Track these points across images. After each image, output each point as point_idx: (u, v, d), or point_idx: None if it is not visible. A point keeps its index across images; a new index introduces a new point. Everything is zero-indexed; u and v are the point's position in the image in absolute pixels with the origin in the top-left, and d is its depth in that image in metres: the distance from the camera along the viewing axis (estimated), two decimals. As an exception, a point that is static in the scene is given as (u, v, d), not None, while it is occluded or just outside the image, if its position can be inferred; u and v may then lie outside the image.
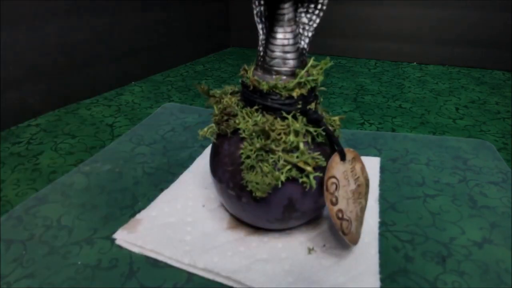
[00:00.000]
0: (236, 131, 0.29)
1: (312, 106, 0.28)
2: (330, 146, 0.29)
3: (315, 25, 0.28)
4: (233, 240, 0.31)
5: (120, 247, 0.32)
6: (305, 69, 0.28)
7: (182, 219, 0.34)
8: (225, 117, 0.30)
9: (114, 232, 0.33)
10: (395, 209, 0.37)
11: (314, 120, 0.28)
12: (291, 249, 0.31)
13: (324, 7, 0.28)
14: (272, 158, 0.27)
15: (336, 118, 0.31)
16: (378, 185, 0.40)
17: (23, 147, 0.52)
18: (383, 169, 0.44)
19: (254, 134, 0.27)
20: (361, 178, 0.30)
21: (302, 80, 0.27)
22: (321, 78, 0.29)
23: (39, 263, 0.30)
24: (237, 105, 0.30)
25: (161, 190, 0.40)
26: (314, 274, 0.28)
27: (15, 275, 0.28)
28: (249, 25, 1.19)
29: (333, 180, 0.27)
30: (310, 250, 0.31)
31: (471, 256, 0.31)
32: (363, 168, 0.30)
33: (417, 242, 0.31)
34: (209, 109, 0.65)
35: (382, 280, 0.28)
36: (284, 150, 0.27)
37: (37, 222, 0.34)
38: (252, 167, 0.27)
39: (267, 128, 0.27)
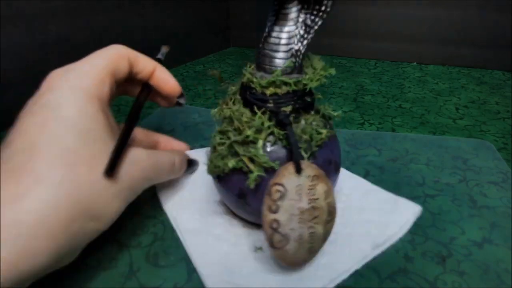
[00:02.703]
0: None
1: (289, 108, 0.28)
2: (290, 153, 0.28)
3: (316, 27, 0.28)
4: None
5: (120, 247, 0.32)
6: (279, 69, 0.28)
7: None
8: (223, 105, 0.31)
9: (114, 232, 0.33)
10: (395, 209, 0.37)
11: (280, 123, 0.27)
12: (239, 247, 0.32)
13: (328, 9, 0.27)
14: (226, 143, 0.28)
15: (335, 113, 0.31)
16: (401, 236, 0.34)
17: (23, 147, 0.51)
18: (383, 169, 0.44)
19: (225, 119, 0.30)
20: (321, 202, 0.26)
21: (274, 79, 0.28)
22: (313, 84, 0.28)
23: (39, 263, 0.30)
24: (234, 94, 0.31)
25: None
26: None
27: (15, 275, 0.28)
28: (249, 25, 1.18)
29: (279, 188, 0.26)
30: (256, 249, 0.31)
31: (471, 256, 0.31)
32: (329, 193, 0.27)
33: (417, 242, 0.31)
34: (209, 109, 0.65)
35: (382, 280, 0.28)
36: (243, 142, 0.28)
37: (37, 222, 0.34)
38: (214, 147, 0.30)
39: (232, 114, 0.28)
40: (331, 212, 0.27)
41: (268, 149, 0.28)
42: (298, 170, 0.26)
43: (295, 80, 0.28)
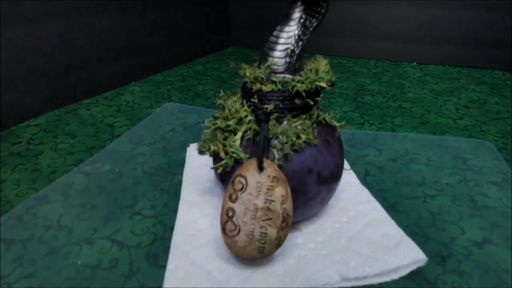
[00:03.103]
0: None
1: (271, 106, 0.28)
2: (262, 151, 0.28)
3: (311, 28, 0.28)
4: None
5: (120, 247, 0.32)
6: (265, 65, 0.28)
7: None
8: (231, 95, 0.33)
9: (114, 232, 0.33)
10: (395, 209, 0.37)
11: (258, 119, 0.28)
12: None
13: (323, 10, 0.27)
14: (212, 128, 0.30)
15: (338, 124, 0.31)
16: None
17: (23, 147, 0.52)
18: (383, 169, 0.44)
19: (222, 106, 0.31)
20: (277, 205, 0.26)
21: (257, 75, 0.28)
22: (301, 87, 0.28)
23: (39, 263, 0.30)
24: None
25: (161, 190, 0.40)
26: None
27: (15, 275, 0.28)
28: (249, 25, 1.18)
29: (242, 179, 0.27)
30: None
31: (471, 256, 0.31)
32: (285, 199, 0.27)
33: (417, 242, 0.31)
34: (209, 109, 0.65)
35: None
36: (225, 130, 0.29)
37: (37, 222, 0.34)
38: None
39: (224, 103, 0.30)
40: (286, 219, 0.27)
41: (247, 142, 0.29)
42: (260, 167, 0.26)
43: (282, 80, 0.28)
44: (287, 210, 0.27)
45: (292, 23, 0.28)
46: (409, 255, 0.29)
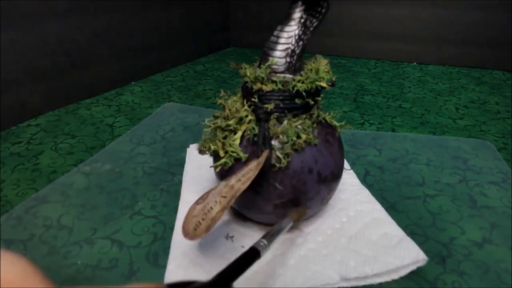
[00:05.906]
0: None
1: (271, 106, 0.28)
2: (265, 147, 0.28)
3: (311, 28, 0.28)
4: None
5: (120, 247, 0.32)
6: (266, 65, 0.28)
7: None
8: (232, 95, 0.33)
9: (114, 232, 0.33)
10: (395, 209, 0.37)
11: (258, 119, 0.28)
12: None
13: (324, 10, 0.27)
14: (212, 127, 0.30)
15: (338, 124, 0.31)
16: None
17: (23, 147, 0.51)
18: (383, 169, 0.44)
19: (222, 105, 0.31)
20: (236, 183, 0.26)
21: (257, 75, 0.28)
22: (302, 87, 0.28)
23: (39, 263, 0.30)
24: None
25: (161, 190, 0.40)
26: None
27: (15, 275, 0.28)
28: (249, 25, 1.18)
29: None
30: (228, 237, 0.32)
31: (471, 256, 0.31)
32: (248, 179, 0.26)
33: (417, 242, 0.31)
34: (209, 109, 0.65)
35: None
36: (225, 129, 0.29)
37: (37, 222, 0.34)
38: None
39: (223, 103, 0.30)
40: (231, 197, 0.25)
41: (247, 141, 0.29)
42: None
43: (282, 80, 0.28)
44: (240, 189, 0.25)
45: (293, 23, 0.28)
46: (409, 255, 0.29)
